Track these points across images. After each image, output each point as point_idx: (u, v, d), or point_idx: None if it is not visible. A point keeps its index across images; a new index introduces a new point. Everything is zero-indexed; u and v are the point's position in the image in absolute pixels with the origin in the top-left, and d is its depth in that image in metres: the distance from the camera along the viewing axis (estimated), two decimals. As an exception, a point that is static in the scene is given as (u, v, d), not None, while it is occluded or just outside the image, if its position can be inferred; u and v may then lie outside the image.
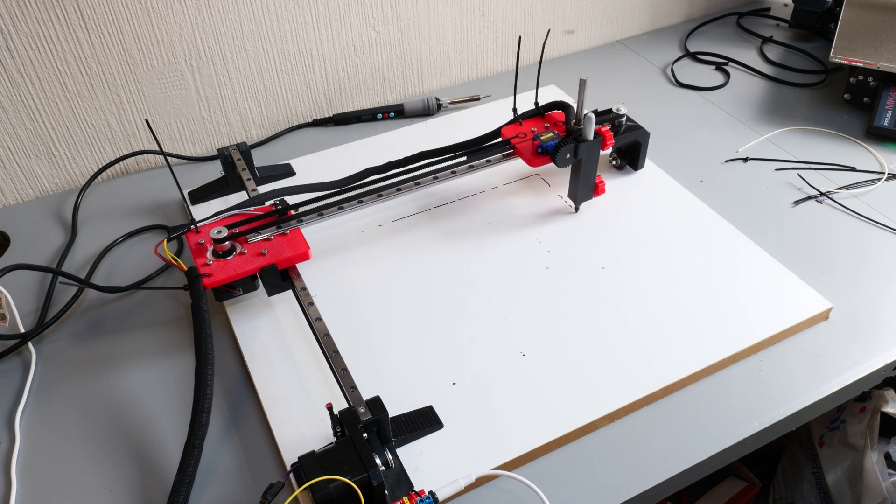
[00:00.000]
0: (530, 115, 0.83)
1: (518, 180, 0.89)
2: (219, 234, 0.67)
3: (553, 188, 0.87)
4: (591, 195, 0.82)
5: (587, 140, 0.76)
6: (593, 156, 0.78)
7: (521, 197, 0.86)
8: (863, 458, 0.93)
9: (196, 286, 0.65)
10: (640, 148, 0.87)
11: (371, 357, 0.68)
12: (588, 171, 0.79)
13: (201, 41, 0.90)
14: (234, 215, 0.72)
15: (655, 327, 0.70)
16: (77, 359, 0.71)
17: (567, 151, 0.75)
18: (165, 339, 0.72)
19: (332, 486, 0.52)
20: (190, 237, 0.70)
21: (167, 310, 0.75)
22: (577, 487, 0.59)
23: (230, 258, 0.68)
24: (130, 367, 0.70)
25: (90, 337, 0.73)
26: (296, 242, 0.70)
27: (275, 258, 0.68)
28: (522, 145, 0.79)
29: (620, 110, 0.85)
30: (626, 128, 0.86)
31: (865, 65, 0.96)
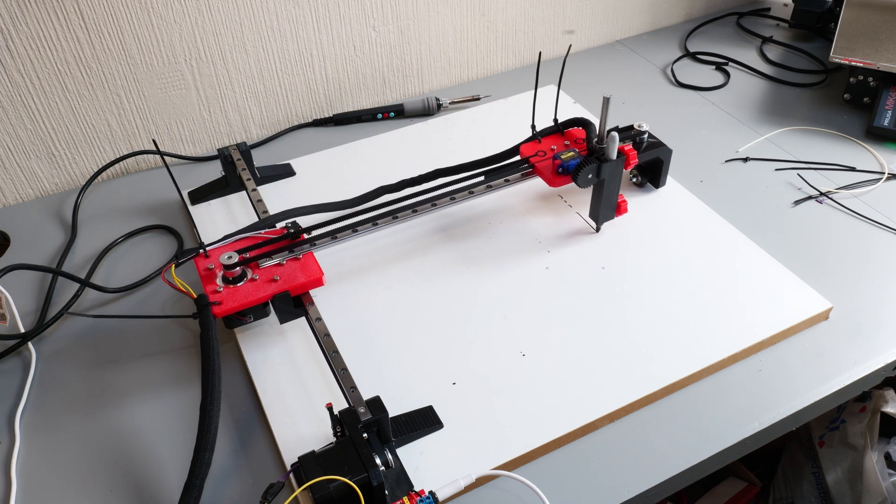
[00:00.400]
0: (549, 132, 0.80)
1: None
2: (229, 259, 0.64)
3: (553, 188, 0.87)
4: (614, 214, 0.79)
5: (610, 160, 0.73)
6: (616, 175, 0.75)
7: (520, 197, 0.86)
8: (863, 458, 0.93)
9: (206, 315, 0.62)
10: (661, 165, 0.84)
11: (371, 357, 0.68)
12: (611, 190, 0.76)
13: (201, 41, 0.90)
14: (245, 238, 0.69)
15: (655, 327, 0.70)
16: (77, 359, 0.71)
17: (589, 171, 0.73)
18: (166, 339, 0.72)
19: (332, 486, 0.52)
20: (199, 262, 0.67)
21: (166, 305, 0.75)
22: (577, 487, 0.59)
23: (241, 284, 0.65)
24: (130, 367, 0.70)
25: (90, 337, 0.73)
26: (309, 268, 0.67)
27: (287, 284, 0.65)
28: (542, 164, 0.76)
29: (642, 127, 0.81)
30: (647, 145, 0.82)
31: (865, 65, 0.96)
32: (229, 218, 0.85)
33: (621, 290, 0.74)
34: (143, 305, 0.76)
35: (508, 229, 0.82)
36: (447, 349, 0.69)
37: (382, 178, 0.90)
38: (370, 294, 0.75)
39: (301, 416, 0.63)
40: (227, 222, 0.84)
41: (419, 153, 0.95)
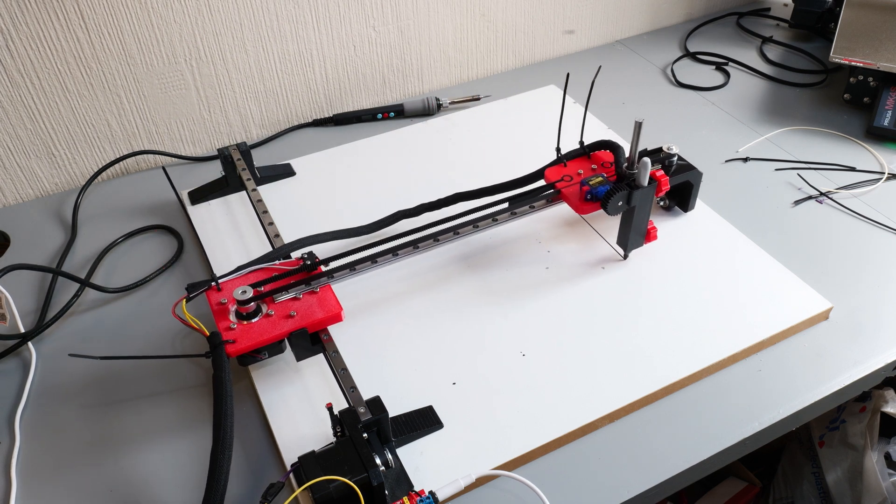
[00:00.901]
0: (575, 155, 0.77)
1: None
2: (243, 294, 0.61)
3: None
4: (643, 242, 0.76)
5: (641, 186, 0.70)
6: (647, 202, 0.72)
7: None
8: (863, 458, 0.93)
9: (219, 354, 0.58)
10: (691, 189, 0.81)
11: (371, 357, 0.68)
12: (641, 217, 0.73)
13: (201, 41, 0.90)
14: (259, 270, 0.66)
15: (655, 327, 0.70)
16: (77, 359, 0.71)
17: (619, 199, 0.69)
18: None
19: (332, 486, 0.52)
20: (211, 296, 0.63)
21: (166, 305, 0.75)
22: (577, 487, 0.59)
23: (256, 321, 0.62)
24: (130, 369, 0.70)
25: (90, 337, 0.73)
26: (327, 302, 0.64)
27: (305, 321, 0.62)
28: (569, 190, 0.73)
29: (672, 150, 0.78)
30: (676, 168, 0.79)
31: (865, 65, 0.96)
32: (229, 218, 0.85)
33: (621, 290, 0.74)
34: (143, 306, 0.76)
35: (507, 229, 0.82)
36: (447, 349, 0.69)
37: (382, 178, 0.91)
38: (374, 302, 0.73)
39: (301, 416, 0.63)
40: (227, 222, 0.84)
41: (419, 153, 0.95)
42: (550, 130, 0.97)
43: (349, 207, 0.86)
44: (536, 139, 0.96)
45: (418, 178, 0.90)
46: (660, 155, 0.79)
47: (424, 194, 0.87)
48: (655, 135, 0.98)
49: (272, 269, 0.66)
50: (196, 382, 0.68)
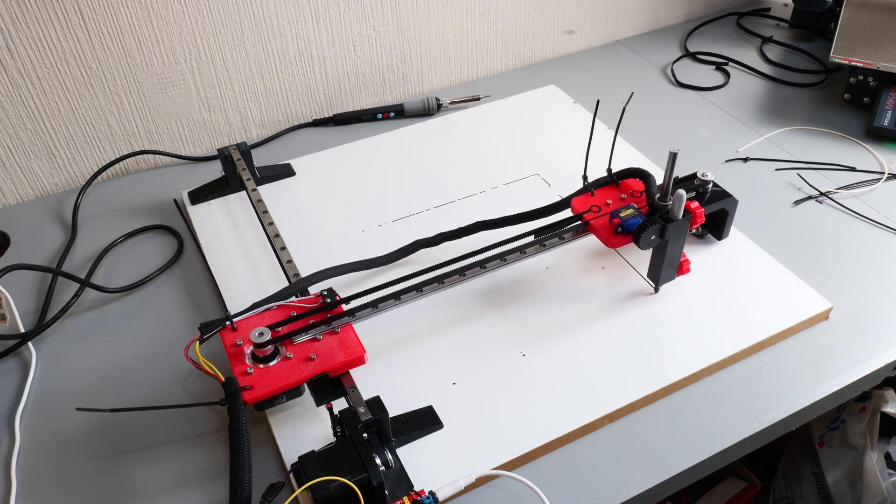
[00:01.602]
0: (603, 183, 0.73)
1: (518, 180, 0.89)
2: (260, 337, 0.58)
3: (553, 187, 0.87)
4: (675, 275, 0.72)
5: (676, 219, 0.66)
6: (681, 235, 0.68)
7: (520, 197, 0.86)
8: (863, 458, 0.93)
9: (235, 402, 0.55)
10: (726, 217, 0.77)
11: (371, 357, 0.68)
12: (674, 251, 0.69)
13: (201, 41, 0.90)
14: (275, 308, 0.62)
15: (655, 327, 0.70)
16: (77, 359, 0.71)
17: (653, 233, 0.65)
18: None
19: (332, 486, 0.52)
20: (225, 337, 0.60)
21: (166, 305, 0.75)
22: (577, 487, 0.59)
23: (273, 364, 0.58)
24: (129, 365, 0.70)
25: (90, 337, 0.73)
26: (349, 343, 0.60)
27: (326, 365, 0.58)
28: (598, 222, 0.69)
29: (707, 176, 0.74)
30: (711, 195, 0.75)
31: (865, 65, 0.96)
32: (229, 218, 0.85)
33: (621, 290, 0.74)
34: (143, 306, 0.76)
35: (507, 229, 0.81)
36: (447, 349, 0.69)
37: (382, 178, 0.91)
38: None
39: (301, 416, 0.63)
40: (227, 222, 0.84)
41: (419, 153, 0.95)
42: (550, 131, 0.98)
43: (349, 208, 0.86)
44: (536, 139, 0.96)
45: (418, 178, 0.90)
46: (694, 182, 0.75)
47: (424, 194, 0.87)
48: (656, 135, 0.98)
49: (290, 307, 0.62)
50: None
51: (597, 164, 0.73)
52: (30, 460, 0.62)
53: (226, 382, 0.56)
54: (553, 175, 0.89)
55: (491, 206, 0.85)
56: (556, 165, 0.91)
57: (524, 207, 0.84)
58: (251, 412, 0.62)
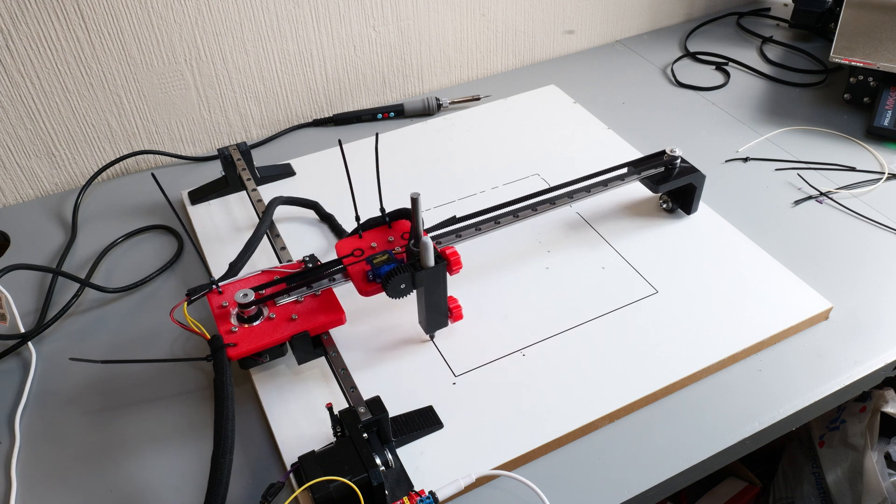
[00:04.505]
0: (373, 224, 0.69)
1: (518, 181, 0.89)
2: (245, 297, 0.60)
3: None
4: (447, 321, 0.68)
5: (427, 267, 0.62)
6: (438, 283, 0.64)
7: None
8: (863, 458, 0.93)
9: (220, 358, 0.58)
10: (694, 192, 0.80)
11: (371, 357, 0.68)
12: (435, 299, 0.65)
13: (201, 41, 0.90)
14: (260, 274, 0.65)
15: (655, 327, 0.70)
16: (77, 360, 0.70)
17: (402, 281, 0.61)
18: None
19: (332, 486, 0.52)
20: (212, 299, 0.63)
21: (166, 305, 0.75)
22: (577, 487, 0.59)
23: (257, 324, 0.61)
24: (129, 365, 0.70)
25: (90, 337, 0.73)
26: (329, 305, 0.63)
27: (306, 324, 0.61)
28: (355, 269, 0.64)
29: (675, 152, 0.78)
30: (679, 170, 0.79)
31: (865, 65, 0.96)
32: (229, 218, 0.85)
33: (621, 290, 0.74)
34: (143, 306, 0.76)
35: (507, 229, 0.81)
36: (447, 349, 0.69)
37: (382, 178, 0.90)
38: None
39: (301, 416, 0.63)
40: (227, 222, 0.84)
41: (419, 153, 0.95)
42: (550, 131, 0.98)
43: (349, 207, 0.86)
44: (536, 139, 0.96)
45: (418, 179, 0.90)
46: (663, 158, 0.79)
47: (424, 195, 0.87)
48: (656, 135, 0.98)
49: (273, 273, 0.65)
50: (197, 386, 0.68)
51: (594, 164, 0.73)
52: (30, 460, 0.62)
53: (211, 339, 0.59)
54: (553, 175, 0.90)
55: (491, 206, 0.85)
56: (556, 165, 0.91)
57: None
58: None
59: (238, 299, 0.60)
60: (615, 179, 0.78)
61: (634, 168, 0.79)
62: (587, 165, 0.91)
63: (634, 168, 0.79)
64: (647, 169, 0.79)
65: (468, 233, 0.70)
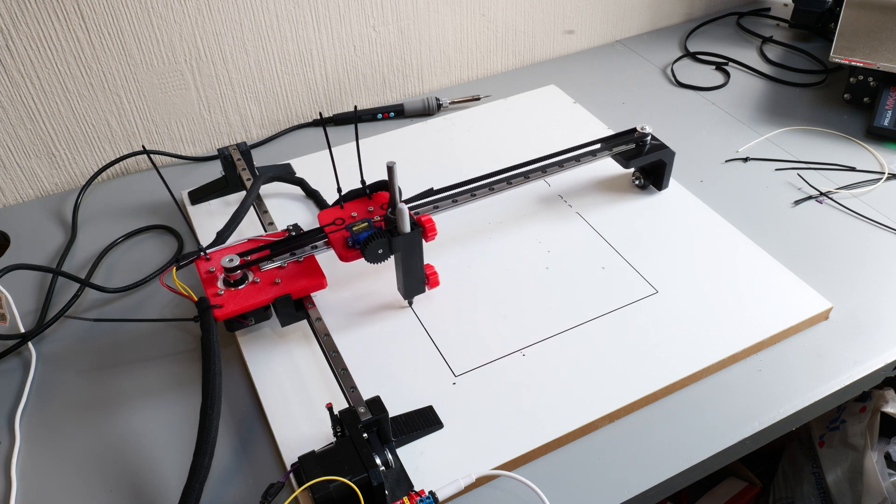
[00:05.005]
0: (355, 195, 0.71)
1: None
2: (230, 262, 0.63)
3: (553, 187, 0.87)
4: (424, 288, 0.71)
5: (403, 233, 0.66)
6: (414, 248, 0.67)
7: (521, 198, 0.86)
8: (863, 458, 0.93)
9: (207, 318, 0.61)
10: (664, 168, 0.84)
11: (371, 357, 0.68)
12: (411, 264, 0.68)
13: (201, 41, 0.90)
14: (246, 242, 0.68)
15: (655, 327, 0.70)
16: (77, 359, 0.71)
17: (379, 246, 0.65)
18: (168, 343, 0.72)
19: (332, 486, 0.52)
20: (199, 265, 0.66)
21: (166, 305, 0.75)
22: (577, 487, 0.59)
23: (242, 287, 0.64)
24: (131, 369, 0.70)
25: (90, 337, 0.73)
26: (311, 270, 0.66)
27: (289, 287, 0.64)
28: (336, 236, 0.67)
29: (645, 129, 0.82)
30: (650, 147, 0.82)
31: (865, 65, 0.96)
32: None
33: (621, 290, 0.74)
34: (143, 305, 0.76)
35: (507, 229, 0.82)
36: (447, 349, 0.69)
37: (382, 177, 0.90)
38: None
39: (301, 416, 0.63)
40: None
41: (419, 153, 0.95)
42: (550, 130, 0.98)
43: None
44: (536, 139, 0.96)
45: (418, 179, 0.90)
46: (633, 135, 0.82)
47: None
48: (655, 134, 0.97)
49: (258, 241, 0.68)
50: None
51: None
52: (30, 460, 0.62)
53: (199, 301, 0.62)
54: (553, 174, 0.89)
55: (491, 205, 0.85)
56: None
57: (524, 207, 0.85)
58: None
59: (224, 264, 0.64)
60: (587, 155, 0.82)
61: (606, 144, 0.83)
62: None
63: (606, 144, 0.83)
64: (619, 145, 0.83)
65: (445, 204, 0.74)
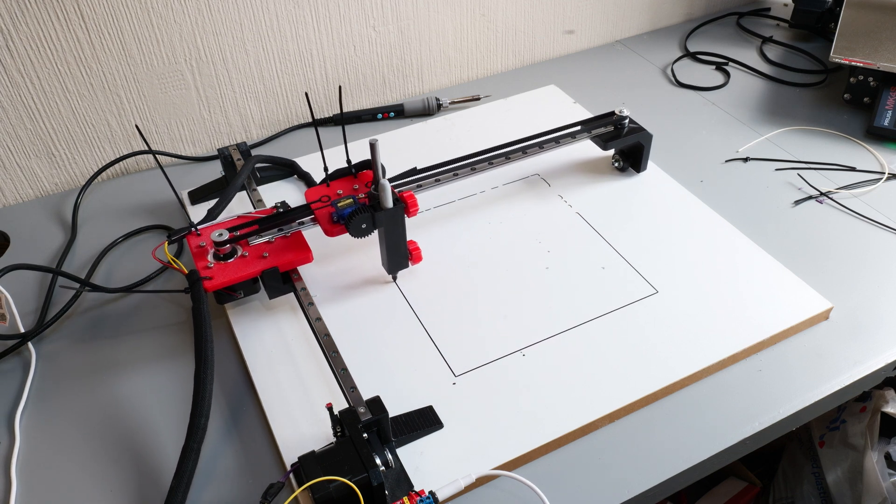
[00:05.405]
0: (340, 174, 0.74)
1: (518, 180, 0.89)
2: (220, 236, 0.66)
3: (553, 187, 0.87)
4: (407, 263, 0.74)
5: (386, 208, 0.68)
6: (397, 224, 0.70)
7: (520, 197, 0.86)
8: (863, 459, 0.93)
9: (197, 289, 0.64)
10: (642, 150, 0.86)
11: (371, 357, 0.68)
12: (394, 239, 0.71)
13: (201, 41, 0.90)
14: (236, 218, 0.71)
15: (655, 327, 0.70)
16: (77, 359, 0.71)
17: (362, 221, 0.67)
18: (166, 342, 0.72)
19: (332, 486, 0.52)
20: (191, 240, 0.69)
21: (167, 312, 0.75)
22: (577, 487, 0.59)
23: (231, 261, 0.67)
24: (130, 368, 0.70)
25: (90, 337, 0.73)
26: (297, 245, 0.69)
27: (276, 261, 0.67)
28: (322, 212, 0.70)
29: (623, 112, 0.84)
30: (628, 130, 0.85)
31: (865, 65, 0.96)
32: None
33: (621, 290, 0.74)
34: (143, 305, 0.76)
35: (507, 229, 0.82)
36: (447, 349, 0.69)
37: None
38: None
39: (301, 416, 0.63)
40: (227, 222, 0.84)
41: (419, 153, 0.95)
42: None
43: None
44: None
45: (418, 178, 0.90)
46: (612, 118, 0.85)
47: (425, 195, 0.87)
48: (656, 135, 0.97)
49: (247, 217, 0.71)
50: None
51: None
52: (30, 460, 0.62)
53: (189, 273, 0.65)
54: (553, 175, 0.89)
55: (491, 205, 0.85)
56: (556, 165, 0.91)
57: (524, 207, 0.85)
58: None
59: (214, 238, 0.66)
60: (567, 137, 0.84)
61: (585, 126, 0.86)
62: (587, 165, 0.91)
63: (585, 126, 0.86)
64: (598, 127, 0.85)
65: (428, 183, 0.77)
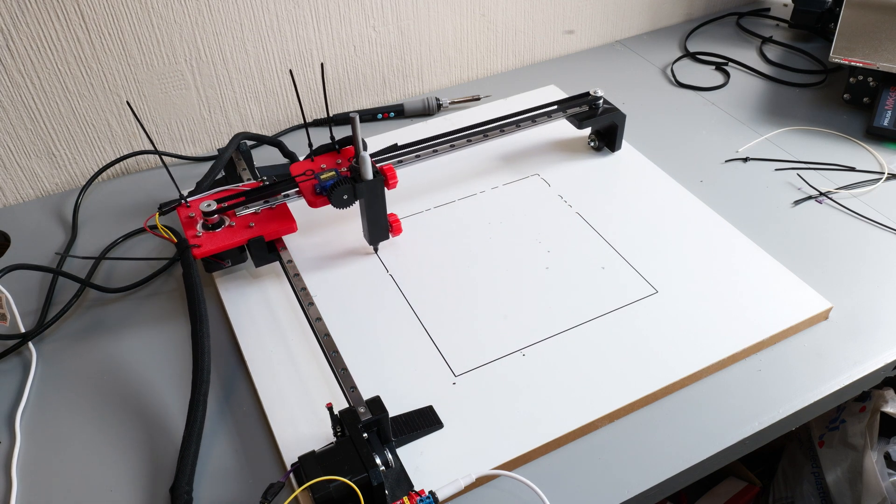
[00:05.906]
0: (324, 150, 0.78)
1: (518, 180, 0.89)
2: (208, 207, 0.70)
3: (553, 187, 0.87)
4: (387, 235, 0.77)
5: (366, 180, 0.71)
6: (377, 196, 0.73)
7: (520, 197, 0.86)
8: (863, 458, 0.93)
9: (186, 256, 0.68)
10: (616, 130, 0.90)
11: (371, 357, 0.68)
12: (375, 210, 0.74)
13: (201, 41, 0.90)
14: (224, 191, 0.74)
15: (655, 327, 0.70)
16: (77, 358, 0.71)
17: (344, 192, 0.71)
18: (166, 340, 0.72)
19: (332, 486, 0.52)
20: (181, 211, 0.72)
21: (167, 311, 0.75)
22: (577, 487, 0.59)
23: (219, 230, 0.70)
24: (130, 368, 0.70)
25: (90, 337, 0.73)
26: (283, 216, 0.72)
27: (262, 230, 0.71)
28: (305, 185, 0.73)
29: (597, 93, 0.87)
30: (602, 110, 0.88)
31: (865, 65, 0.96)
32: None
33: (621, 290, 0.74)
34: (143, 305, 0.76)
35: (507, 229, 0.82)
36: (447, 349, 0.69)
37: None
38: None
39: (301, 416, 0.63)
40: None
41: (419, 153, 0.95)
42: (550, 130, 0.98)
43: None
44: (536, 139, 0.96)
45: (417, 179, 0.90)
46: (586, 98, 0.88)
47: (425, 195, 0.87)
48: (655, 135, 0.98)
49: (235, 190, 0.74)
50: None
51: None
52: (30, 460, 0.62)
53: (179, 242, 0.69)
54: (553, 175, 0.90)
55: (491, 205, 0.85)
56: (555, 165, 0.91)
57: (524, 207, 0.85)
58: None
59: (202, 209, 0.70)
60: (543, 116, 0.88)
61: (561, 106, 0.89)
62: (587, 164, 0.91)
63: (561, 106, 0.89)
64: (573, 107, 0.89)
65: (408, 159, 0.81)
